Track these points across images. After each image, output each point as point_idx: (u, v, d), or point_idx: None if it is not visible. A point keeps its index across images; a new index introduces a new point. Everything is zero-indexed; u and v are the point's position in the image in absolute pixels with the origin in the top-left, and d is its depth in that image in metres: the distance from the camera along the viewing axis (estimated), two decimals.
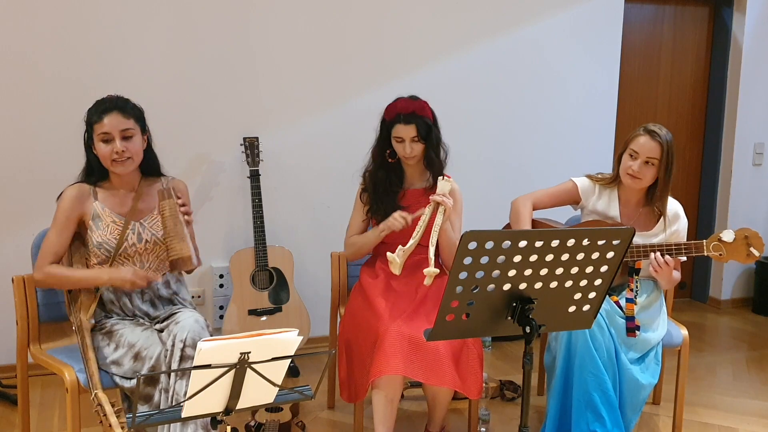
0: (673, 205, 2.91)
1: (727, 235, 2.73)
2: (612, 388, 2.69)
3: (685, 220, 2.92)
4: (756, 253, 2.73)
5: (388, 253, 2.60)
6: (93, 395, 2.21)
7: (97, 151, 2.47)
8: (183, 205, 2.50)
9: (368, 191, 2.91)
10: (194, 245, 2.51)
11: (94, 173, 2.54)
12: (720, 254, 2.74)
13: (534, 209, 3.00)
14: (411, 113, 2.77)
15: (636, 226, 2.88)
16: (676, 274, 2.86)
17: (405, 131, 2.77)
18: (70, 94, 3.52)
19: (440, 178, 2.68)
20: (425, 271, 2.49)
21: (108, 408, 2.12)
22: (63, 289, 2.56)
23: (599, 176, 3.01)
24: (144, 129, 2.55)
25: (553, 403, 2.78)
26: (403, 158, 2.84)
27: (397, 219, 2.73)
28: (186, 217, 2.50)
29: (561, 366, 2.75)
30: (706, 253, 2.74)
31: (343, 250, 3.16)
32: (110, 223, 2.50)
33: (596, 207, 2.96)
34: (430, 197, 2.66)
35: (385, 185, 2.88)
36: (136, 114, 2.51)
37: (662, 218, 2.88)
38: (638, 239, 2.85)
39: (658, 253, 2.73)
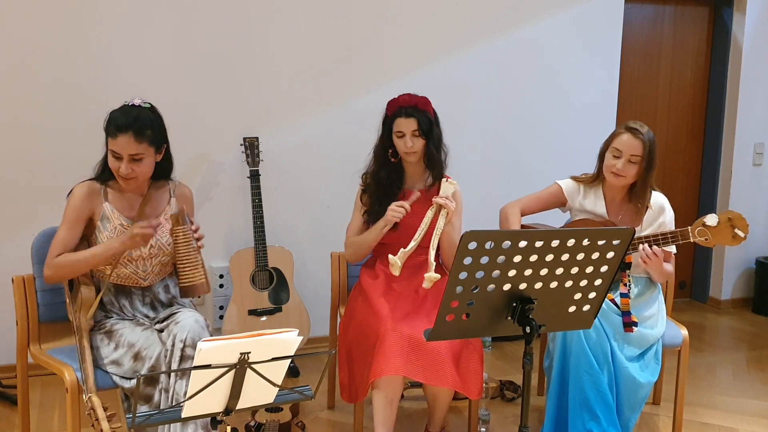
0: (658, 198, 2.92)
1: (711, 220, 2.74)
2: (608, 387, 2.69)
3: (671, 212, 2.94)
4: (741, 234, 2.73)
5: (390, 256, 2.59)
6: (87, 398, 2.20)
7: (108, 157, 2.46)
8: (196, 230, 2.49)
9: (369, 192, 2.91)
10: (205, 272, 2.50)
11: (107, 170, 2.52)
12: (705, 239, 2.75)
13: (522, 215, 3.04)
14: (413, 107, 2.76)
15: (623, 222, 2.91)
16: (668, 267, 2.88)
17: (406, 125, 2.76)
18: (70, 96, 3.52)
19: (443, 180, 2.68)
20: (426, 276, 2.48)
21: (100, 412, 2.11)
22: (76, 275, 2.51)
23: (583, 176, 3.04)
24: (160, 147, 2.49)
25: (551, 404, 2.79)
26: (403, 155, 2.83)
27: (395, 209, 2.71)
28: (198, 243, 2.49)
29: (557, 366, 2.76)
30: (691, 239, 2.75)
31: (343, 251, 3.16)
32: (117, 226, 2.50)
33: (584, 206, 2.99)
34: (433, 199, 2.65)
35: (386, 186, 2.87)
36: (153, 136, 2.43)
37: (648, 211, 2.90)
38: None
39: (646, 245, 2.74)
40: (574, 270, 1.94)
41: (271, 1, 3.79)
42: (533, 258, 1.88)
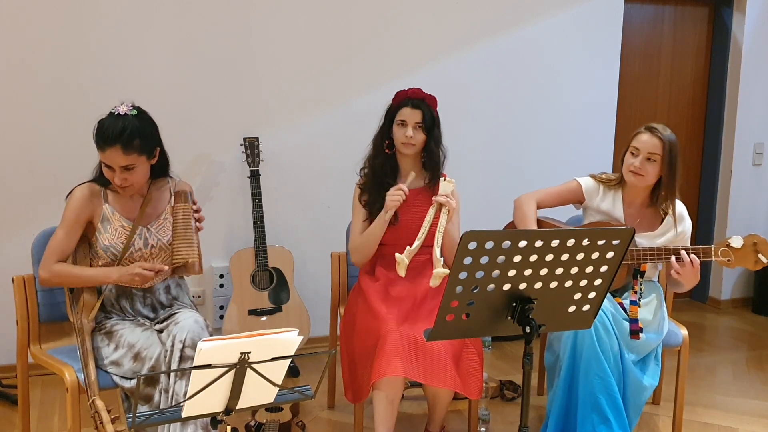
0: (678, 207, 2.89)
1: (736, 242, 2.69)
2: (617, 391, 2.69)
3: (689, 222, 2.91)
4: (764, 259, 2.68)
5: (397, 254, 2.58)
6: (90, 402, 2.20)
7: (102, 167, 2.46)
8: (197, 211, 2.49)
9: (366, 183, 2.90)
10: (199, 252, 2.50)
11: (104, 174, 2.51)
12: (728, 260, 2.70)
13: (537, 208, 2.99)
14: (421, 99, 2.79)
15: (640, 227, 2.87)
16: None
17: (410, 115, 2.77)
18: (71, 96, 3.53)
19: (442, 179, 2.68)
20: (435, 272, 2.46)
21: (105, 416, 2.11)
22: (69, 287, 2.54)
23: (603, 176, 2.99)
24: (152, 152, 2.47)
25: (557, 404, 2.77)
26: (400, 145, 2.82)
27: (393, 194, 2.72)
28: (198, 223, 2.49)
29: (566, 367, 2.73)
30: (714, 259, 2.70)
31: (343, 250, 3.17)
32: (118, 227, 2.50)
33: (600, 207, 2.95)
34: (433, 198, 2.65)
35: (382, 175, 2.87)
36: (141, 145, 2.39)
37: (666, 218, 2.86)
38: (642, 240, 2.84)
39: (684, 252, 2.68)
40: (574, 270, 1.94)
41: (271, 1, 3.79)
42: (533, 258, 1.88)
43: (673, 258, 2.69)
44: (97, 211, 2.51)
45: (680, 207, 2.90)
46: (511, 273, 1.89)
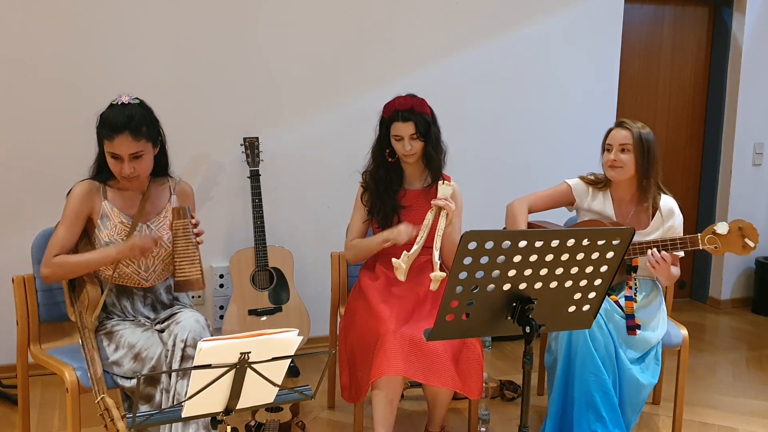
0: (668, 202, 2.91)
1: (722, 228, 2.73)
2: (612, 388, 2.69)
3: (680, 216, 2.93)
4: (751, 243, 2.72)
5: (394, 260, 2.58)
6: (99, 399, 2.20)
7: (107, 160, 2.46)
8: (196, 225, 2.49)
9: (369, 191, 2.91)
10: (201, 267, 2.51)
11: (104, 171, 2.51)
12: (715, 247, 2.74)
13: (529, 212, 3.03)
14: (409, 110, 2.76)
15: (631, 224, 2.89)
16: (675, 270, 2.86)
17: (403, 129, 2.76)
18: (71, 96, 3.53)
19: (441, 182, 2.68)
20: (432, 275, 2.47)
21: (116, 413, 2.12)
22: (73, 277, 2.53)
23: (592, 177, 3.04)
24: (156, 141, 2.49)
25: (554, 403, 2.78)
26: (402, 156, 2.83)
27: (402, 232, 2.71)
28: (197, 238, 2.49)
29: (562, 366, 2.75)
30: (701, 247, 2.74)
31: (343, 250, 3.17)
32: (118, 224, 2.50)
33: (591, 207, 2.98)
34: (432, 202, 2.65)
35: (386, 184, 2.87)
36: (148, 132, 2.42)
37: (656, 214, 2.88)
38: (635, 238, 2.85)
39: (655, 249, 2.73)
40: (574, 270, 1.94)
41: (271, 2, 3.79)
42: (533, 258, 1.88)
43: (648, 252, 2.74)
44: (96, 208, 2.51)
45: (669, 201, 2.92)
46: (511, 273, 1.89)
